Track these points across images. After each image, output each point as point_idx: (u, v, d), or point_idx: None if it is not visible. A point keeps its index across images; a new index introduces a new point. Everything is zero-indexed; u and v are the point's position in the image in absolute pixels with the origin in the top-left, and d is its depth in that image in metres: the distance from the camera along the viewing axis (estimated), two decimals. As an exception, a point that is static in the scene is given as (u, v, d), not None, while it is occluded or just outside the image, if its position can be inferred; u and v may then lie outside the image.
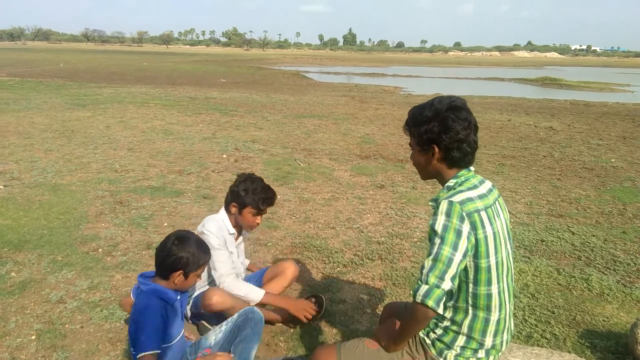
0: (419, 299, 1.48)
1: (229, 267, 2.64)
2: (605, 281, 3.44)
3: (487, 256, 1.53)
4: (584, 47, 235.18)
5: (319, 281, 3.39)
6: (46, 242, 3.83)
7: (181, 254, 1.99)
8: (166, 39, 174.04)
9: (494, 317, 1.59)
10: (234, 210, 2.67)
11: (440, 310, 1.47)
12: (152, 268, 3.46)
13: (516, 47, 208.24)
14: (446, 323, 1.63)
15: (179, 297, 2.09)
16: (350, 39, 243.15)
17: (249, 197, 2.61)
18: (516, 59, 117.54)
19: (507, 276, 1.61)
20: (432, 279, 1.47)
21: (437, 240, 1.49)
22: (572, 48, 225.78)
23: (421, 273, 1.51)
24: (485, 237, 1.52)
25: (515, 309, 3.00)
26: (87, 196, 4.96)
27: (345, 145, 7.98)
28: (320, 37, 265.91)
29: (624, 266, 3.71)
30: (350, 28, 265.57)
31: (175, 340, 2.07)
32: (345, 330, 2.81)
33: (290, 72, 30.80)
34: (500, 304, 1.59)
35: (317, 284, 3.33)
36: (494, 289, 1.56)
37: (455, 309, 1.61)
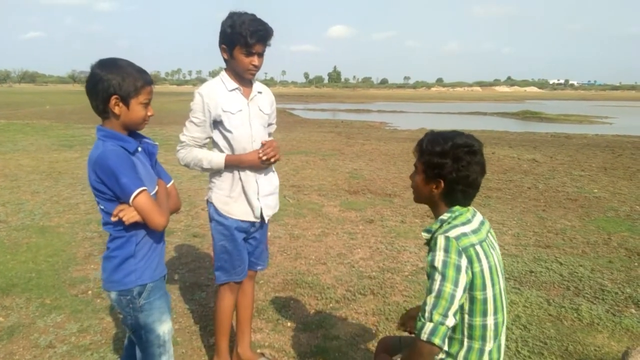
0: (424, 337, 1.48)
1: (195, 136, 2.37)
2: (595, 311, 3.48)
3: (484, 289, 1.56)
4: (562, 81, 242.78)
5: (312, 318, 3.37)
6: (34, 285, 3.78)
7: (110, 75, 1.67)
8: (153, 80, 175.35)
9: (488, 347, 1.61)
10: (225, 55, 2.31)
11: (445, 347, 1.48)
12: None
13: (497, 82, 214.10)
14: (441, 355, 1.65)
15: (139, 149, 1.80)
16: (335, 77, 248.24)
17: (236, 33, 2.19)
18: (497, 93, 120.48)
19: (504, 308, 1.64)
20: (437, 317, 1.48)
21: (438, 277, 1.50)
22: (551, 82, 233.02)
23: (424, 310, 1.51)
24: (482, 271, 1.55)
25: (507, 340, 3.02)
26: (75, 238, 4.92)
27: (334, 181, 8.06)
28: (306, 75, 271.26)
29: (612, 295, 3.76)
30: (335, 66, 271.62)
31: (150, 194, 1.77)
32: (340, 367, 2.79)
33: (276, 110, 31.06)
34: (495, 335, 1.62)
35: (310, 321, 3.32)
36: (490, 320, 1.59)
37: (451, 341, 1.63)
